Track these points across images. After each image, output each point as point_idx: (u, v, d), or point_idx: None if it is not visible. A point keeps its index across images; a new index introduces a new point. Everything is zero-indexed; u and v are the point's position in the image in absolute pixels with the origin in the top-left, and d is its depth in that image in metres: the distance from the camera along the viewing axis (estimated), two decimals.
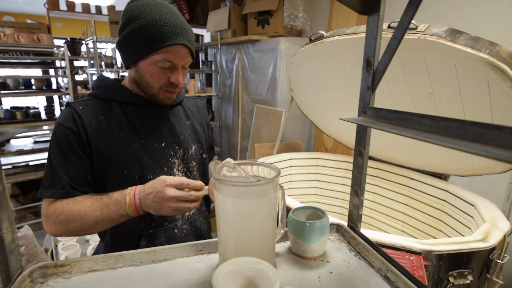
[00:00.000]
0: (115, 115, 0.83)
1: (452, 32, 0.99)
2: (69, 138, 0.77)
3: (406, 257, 0.88)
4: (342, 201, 1.90)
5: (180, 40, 0.78)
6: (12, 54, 2.92)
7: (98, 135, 0.80)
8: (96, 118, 0.81)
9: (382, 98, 1.39)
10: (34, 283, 0.54)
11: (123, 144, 0.81)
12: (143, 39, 0.77)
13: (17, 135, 3.07)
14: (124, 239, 0.86)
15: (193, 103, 1.06)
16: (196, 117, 1.02)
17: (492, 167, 1.25)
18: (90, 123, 0.79)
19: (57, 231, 0.76)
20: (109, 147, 0.80)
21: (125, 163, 0.81)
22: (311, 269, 0.60)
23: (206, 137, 1.04)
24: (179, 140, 0.91)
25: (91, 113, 0.81)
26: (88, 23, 2.71)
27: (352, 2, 0.60)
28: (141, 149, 0.83)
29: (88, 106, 0.82)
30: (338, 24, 2.42)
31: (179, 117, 0.95)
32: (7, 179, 2.67)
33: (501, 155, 0.28)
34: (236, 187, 0.51)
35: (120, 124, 0.83)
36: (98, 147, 0.79)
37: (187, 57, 0.82)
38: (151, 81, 0.82)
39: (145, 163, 0.83)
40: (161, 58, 0.78)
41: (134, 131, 0.83)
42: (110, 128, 0.81)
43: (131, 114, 0.85)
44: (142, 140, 0.84)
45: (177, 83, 0.82)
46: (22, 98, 5.55)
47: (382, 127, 0.47)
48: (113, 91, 0.86)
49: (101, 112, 0.82)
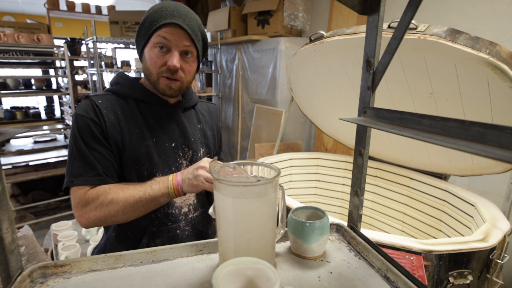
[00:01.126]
0: (131, 111, 0.85)
1: (452, 32, 0.99)
2: (91, 127, 0.79)
3: (406, 257, 0.88)
4: (342, 201, 1.90)
5: (174, 20, 0.79)
6: (12, 54, 2.92)
7: (115, 128, 0.82)
8: (114, 113, 0.83)
9: (382, 98, 1.39)
10: (34, 283, 0.54)
11: (137, 140, 0.83)
12: (145, 26, 0.83)
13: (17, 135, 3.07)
14: (128, 233, 0.87)
15: (205, 108, 1.07)
16: (207, 121, 1.03)
17: (492, 167, 1.25)
18: (108, 117, 0.81)
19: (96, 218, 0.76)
20: (124, 142, 0.82)
21: (136, 159, 0.83)
22: (311, 269, 0.60)
23: (215, 142, 1.05)
24: (189, 142, 0.92)
25: (110, 107, 0.83)
26: (88, 23, 2.71)
27: (352, 2, 0.60)
28: (153, 146, 0.85)
29: (107, 100, 0.85)
30: (338, 24, 2.42)
31: (191, 120, 0.96)
32: (7, 179, 2.67)
33: (501, 155, 0.28)
34: (236, 187, 0.51)
35: (136, 120, 0.85)
36: (115, 140, 0.82)
37: (184, 39, 0.81)
38: (150, 65, 0.84)
39: (155, 161, 0.85)
40: (157, 39, 0.81)
41: (148, 129, 0.86)
42: (127, 123, 0.83)
43: (146, 112, 0.87)
44: (154, 138, 0.86)
45: (172, 66, 0.81)
46: (22, 98, 5.56)
47: (382, 127, 0.47)
48: (130, 88, 0.88)
49: (119, 107, 0.85)
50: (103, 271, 0.58)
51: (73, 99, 2.92)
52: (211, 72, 3.40)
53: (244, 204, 0.52)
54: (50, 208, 3.31)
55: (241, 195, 0.51)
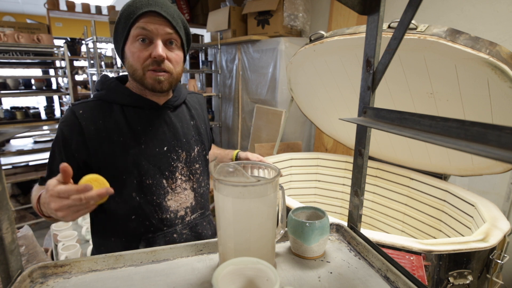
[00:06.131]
0: (115, 119, 0.81)
1: (452, 32, 0.99)
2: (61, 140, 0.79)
3: (406, 257, 0.88)
4: (342, 201, 1.90)
5: (151, 8, 0.75)
6: (12, 54, 2.92)
7: (96, 140, 0.79)
8: (95, 123, 0.79)
9: (382, 98, 1.39)
10: (34, 283, 0.54)
11: (121, 149, 0.80)
12: (121, 22, 0.79)
13: (17, 135, 3.07)
14: (123, 240, 0.86)
15: (195, 99, 1.03)
16: (200, 115, 1.00)
17: (492, 167, 1.25)
18: (88, 128, 0.78)
19: None
20: (107, 153, 0.79)
21: (123, 169, 0.80)
22: (311, 269, 0.60)
23: (208, 134, 1.03)
24: (182, 143, 0.88)
25: (91, 117, 0.80)
26: (88, 23, 2.71)
27: (352, 2, 0.60)
28: (140, 154, 0.81)
29: (89, 109, 0.81)
30: (338, 24, 2.42)
31: (183, 118, 0.92)
32: (7, 179, 2.67)
33: (501, 155, 0.28)
34: (236, 187, 0.51)
35: (120, 128, 0.81)
36: (96, 152, 0.79)
37: (164, 26, 0.77)
38: (134, 61, 0.79)
39: (144, 168, 0.81)
40: (136, 31, 0.76)
41: (134, 136, 0.81)
42: (108, 133, 0.80)
43: (133, 118, 0.83)
44: (142, 145, 0.82)
45: (157, 55, 0.76)
46: (22, 98, 5.56)
47: (382, 127, 0.47)
48: (115, 93, 0.84)
49: (101, 116, 0.81)
50: (103, 271, 0.58)
51: (73, 99, 2.92)
52: (211, 72, 3.40)
53: (244, 204, 0.52)
54: None
55: (241, 195, 0.51)
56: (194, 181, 0.92)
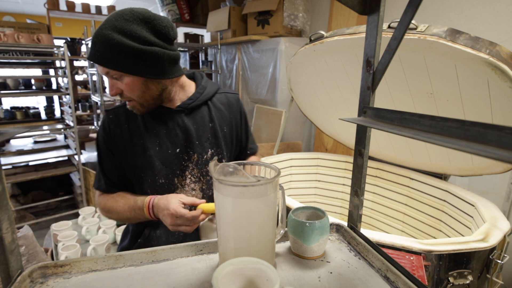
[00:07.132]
0: (136, 123, 0.91)
1: (452, 32, 0.99)
2: (102, 142, 0.92)
3: (406, 257, 0.88)
4: (342, 201, 1.90)
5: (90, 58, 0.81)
6: (12, 54, 2.92)
7: (120, 142, 0.91)
8: (120, 127, 0.91)
9: (382, 98, 1.39)
10: (34, 283, 0.54)
11: (140, 150, 0.90)
12: None
13: (17, 135, 3.07)
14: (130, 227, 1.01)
15: (224, 100, 1.00)
16: (225, 116, 0.98)
17: (492, 167, 1.25)
18: (115, 132, 0.91)
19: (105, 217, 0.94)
20: (128, 154, 0.91)
21: (141, 168, 0.90)
22: (311, 269, 0.60)
23: (233, 138, 1.00)
24: (194, 146, 0.92)
25: (117, 122, 0.92)
26: (88, 23, 2.71)
27: (352, 2, 0.60)
28: (155, 155, 0.90)
29: (117, 115, 0.93)
30: (338, 24, 2.42)
31: (199, 120, 0.93)
32: (7, 179, 2.67)
33: (501, 155, 0.28)
34: (236, 187, 0.51)
35: (140, 132, 0.91)
36: (120, 153, 0.91)
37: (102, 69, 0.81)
38: None
39: (157, 169, 0.90)
40: None
41: (151, 138, 0.90)
42: (131, 136, 0.91)
43: (150, 122, 0.92)
44: (158, 146, 0.91)
45: (110, 95, 0.87)
46: (22, 98, 5.55)
47: (382, 127, 0.47)
48: None
49: (126, 120, 0.92)
50: (103, 271, 0.58)
51: (73, 99, 2.92)
52: (211, 72, 3.40)
53: (244, 204, 0.52)
54: (50, 208, 3.31)
55: (241, 195, 0.51)
56: (204, 183, 0.95)
